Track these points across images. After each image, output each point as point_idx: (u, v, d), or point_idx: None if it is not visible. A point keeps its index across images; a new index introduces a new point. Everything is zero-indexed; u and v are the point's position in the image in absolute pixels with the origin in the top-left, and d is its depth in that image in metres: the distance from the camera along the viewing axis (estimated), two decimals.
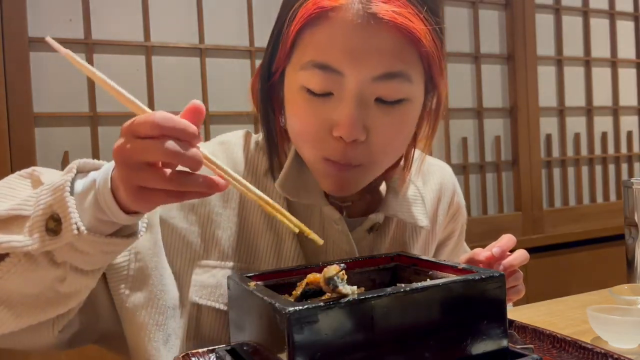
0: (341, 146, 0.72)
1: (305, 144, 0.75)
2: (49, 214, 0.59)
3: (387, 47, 0.69)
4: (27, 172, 0.68)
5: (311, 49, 0.71)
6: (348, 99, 0.70)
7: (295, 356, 0.50)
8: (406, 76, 0.71)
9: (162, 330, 0.76)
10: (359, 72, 0.69)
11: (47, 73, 1.64)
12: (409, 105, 0.73)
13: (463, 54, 2.32)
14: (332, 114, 0.71)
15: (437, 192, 0.95)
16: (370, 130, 0.72)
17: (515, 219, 2.39)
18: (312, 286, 0.59)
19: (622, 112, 2.74)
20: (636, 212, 1.05)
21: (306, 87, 0.72)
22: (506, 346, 0.59)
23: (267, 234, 0.81)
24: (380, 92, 0.71)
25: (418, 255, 0.73)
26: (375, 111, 0.71)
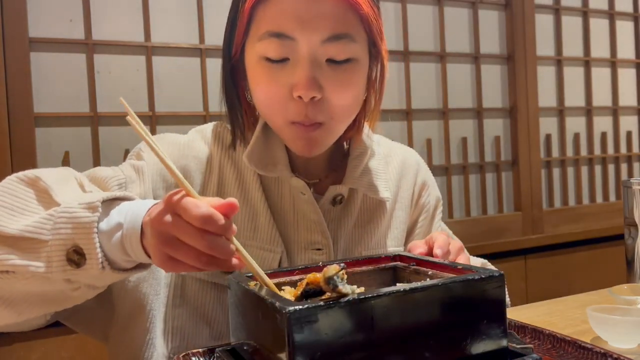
0: (302, 106, 0.79)
1: (271, 110, 0.82)
2: (71, 245, 0.62)
3: (331, 12, 0.78)
4: (28, 178, 0.69)
5: (265, 21, 0.79)
6: (302, 62, 0.79)
7: (295, 356, 0.50)
8: (351, 37, 0.80)
9: (158, 299, 0.83)
10: (309, 36, 0.78)
11: (48, 73, 1.64)
12: (356, 64, 0.82)
13: (463, 54, 2.32)
14: (290, 78, 0.79)
15: (399, 170, 1.01)
16: (325, 88, 0.80)
17: (515, 219, 2.39)
18: (312, 286, 0.59)
19: (622, 112, 2.74)
20: (636, 212, 1.05)
21: (265, 56, 0.80)
22: (506, 346, 0.59)
23: (244, 208, 0.88)
24: (330, 53, 0.79)
25: (418, 255, 0.73)
26: (327, 71, 0.80)
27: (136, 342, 0.81)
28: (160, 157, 0.61)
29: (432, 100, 2.27)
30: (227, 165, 0.90)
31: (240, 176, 0.89)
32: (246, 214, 0.88)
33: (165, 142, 0.89)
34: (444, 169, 2.26)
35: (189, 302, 0.84)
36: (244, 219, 0.87)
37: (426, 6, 2.26)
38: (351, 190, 0.93)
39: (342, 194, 0.92)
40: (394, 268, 0.74)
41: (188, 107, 1.83)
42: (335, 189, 0.91)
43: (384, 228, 0.97)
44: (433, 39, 2.27)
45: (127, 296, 0.81)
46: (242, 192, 0.88)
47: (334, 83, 0.80)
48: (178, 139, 0.91)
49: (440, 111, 2.28)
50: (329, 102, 0.81)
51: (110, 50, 1.72)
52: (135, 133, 0.62)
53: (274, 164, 0.87)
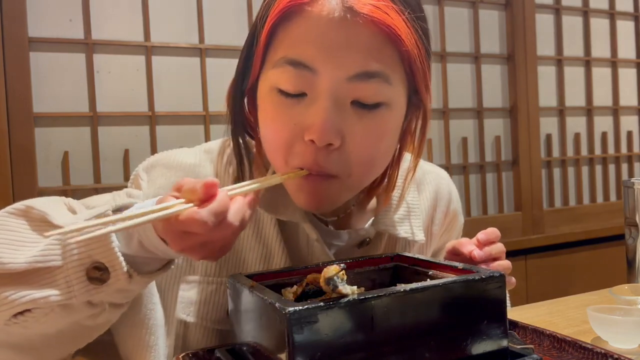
0: (312, 152, 0.65)
1: (276, 152, 0.69)
2: (89, 264, 0.59)
3: (364, 43, 0.64)
4: (19, 210, 0.64)
5: (284, 46, 0.66)
6: (322, 99, 0.64)
7: (295, 356, 0.50)
8: (385, 77, 0.65)
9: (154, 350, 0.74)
10: (333, 69, 0.64)
11: (47, 73, 1.64)
12: (388, 111, 0.67)
13: (463, 54, 2.32)
14: (305, 117, 0.65)
15: (433, 201, 0.92)
16: (345, 136, 0.66)
17: (515, 219, 2.39)
18: (312, 286, 0.59)
19: (622, 112, 2.74)
20: (636, 212, 1.05)
21: (278, 88, 0.67)
22: (506, 346, 0.59)
23: (256, 247, 0.78)
24: (357, 94, 0.65)
25: (418, 255, 0.73)
26: (351, 115, 0.66)
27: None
28: None
29: (432, 100, 2.26)
30: None
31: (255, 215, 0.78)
32: (259, 253, 0.77)
33: (169, 167, 0.79)
34: (444, 169, 2.26)
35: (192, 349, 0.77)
36: (256, 257, 0.77)
37: (426, 6, 2.24)
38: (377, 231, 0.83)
39: (370, 237, 0.82)
40: (394, 268, 0.73)
41: (188, 107, 1.83)
42: (363, 234, 0.80)
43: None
44: (433, 39, 2.26)
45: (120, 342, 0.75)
46: (255, 228, 0.78)
47: (358, 131, 0.66)
48: (183, 162, 0.80)
49: (440, 111, 2.28)
50: (348, 153, 0.66)
51: (110, 50, 1.72)
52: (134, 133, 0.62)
53: (285, 205, 0.75)
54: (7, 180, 1.56)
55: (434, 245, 0.95)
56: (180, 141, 1.81)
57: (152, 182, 0.79)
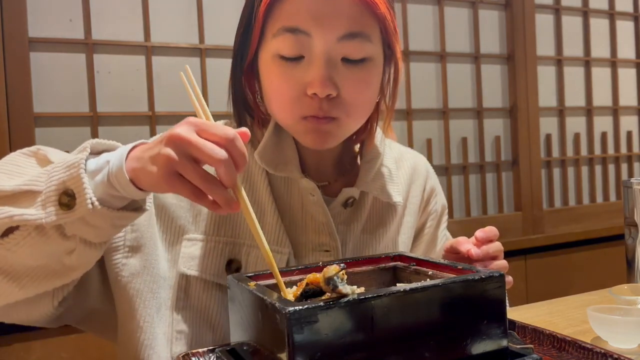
0: (316, 102, 0.79)
1: (283, 107, 0.82)
2: (62, 189, 0.63)
3: (348, 10, 0.78)
4: (30, 151, 0.72)
5: (281, 18, 0.79)
6: (318, 60, 0.78)
7: (295, 356, 0.50)
8: (367, 36, 0.80)
9: (155, 298, 0.81)
10: (325, 33, 0.78)
11: (47, 73, 1.64)
12: (371, 64, 0.82)
13: (463, 54, 2.32)
14: (305, 76, 0.79)
15: (410, 175, 1.02)
16: (340, 86, 0.79)
17: (515, 219, 2.39)
18: (312, 286, 0.59)
19: (622, 112, 2.74)
20: (636, 212, 1.05)
21: (279, 54, 0.79)
22: (506, 346, 0.59)
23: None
24: (346, 51, 0.79)
25: (418, 255, 0.73)
26: (342, 69, 0.80)
27: (132, 342, 0.81)
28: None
29: (432, 100, 2.27)
30: None
31: (247, 175, 0.88)
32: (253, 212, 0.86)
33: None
34: (444, 169, 2.26)
35: (193, 304, 0.83)
36: None
37: (426, 6, 2.26)
38: (362, 194, 0.93)
39: (354, 197, 0.91)
40: (394, 268, 0.74)
41: (188, 107, 1.83)
42: (348, 192, 0.90)
43: (392, 232, 0.97)
44: (433, 38, 2.27)
45: (121, 292, 0.80)
46: (249, 191, 0.87)
47: (349, 82, 0.80)
48: None
49: (440, 111, 2.28)
50: (344, 100, 0.80)
51: (110, 50, 1.72)
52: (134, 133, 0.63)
53: (285, 163, 0.87)
54: None
55: (416, 218, 1.03)
56: None
57: None
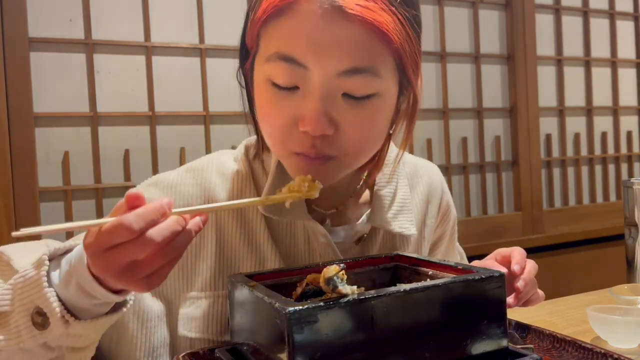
0: (309, 140, 0.69)
1: (274, 137, 0.73)
2: (32, 309, 0.59)
3: (353, 40, 0.66)
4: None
5: (276, 41, 0.68)
6: (313, 93, 0.67)
7: (295, 356, 0.50)
8: (374, 71, 0.68)
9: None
10: (323, 66, 0.66)
11: (47, 73, 1.64)
12: (378, 100, 0.70)
13: (463, 54, 2.32)
14: (299, 109, 0.68)
15: (426, 195, 0.93)
16: (339, 124, 0.69)
17: (515, 219, 2.39)
18: (312, 286, 0.59)
19: (622, 112, 2.74)
20: (636, 212, 1.05)
21: (272, 81, 0.69)
22: (506, 346, 0.59)
23: (250, 256, 0.79)
24: (347, 87, 0.68)
25: (418, 255, 0.73)
26: (343, 105, 0.69)
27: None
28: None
29: (432, 100, 2.26)
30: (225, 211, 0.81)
31: (243, 223, 0.80)
32: (252, 260, 0.79)
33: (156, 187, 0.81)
34: (444, 169, 2.26)
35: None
36: (250, 265, 0.80)
37: (426, 6, 2.26)
38: (372, 227, 0.86)
39: (366, 233, 0.85)
40: (394, 268, 0.74)
41: (188, 107, 1.83)
42: (360, 231, 0.84)
43: None
44: (433, 39, 2.27)
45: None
46: (245, 236, 0.80)
47: (350, 119, 0.69)
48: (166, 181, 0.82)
49: (440, 111, 2.28)
50: (343, 138, 0.70)
51: (110, 50, 1.72)
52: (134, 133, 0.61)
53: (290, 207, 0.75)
54: (7, 180, 1.56)
55: (430, 238, 0.96)
56: (180, 141, 1.81)
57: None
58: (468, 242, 1.12)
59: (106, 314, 0.63)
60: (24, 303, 0.60)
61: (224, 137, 1.86)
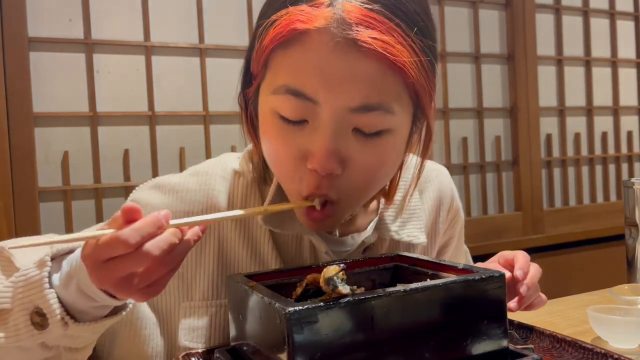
0: (316, 179, 0.66)
1: (281, 174, 0.71)
2: (32, 309, 0.60)
3: (366, 75, 0.63)
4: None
5: (284, 73, 0.65)
6: (323, 129, 0.64)
7: (295, 356, 0.50)
8: (386, 108, 0.64)
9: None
10: (334, 101, 0.63)
11: (47, 73, 1.64)
12: (390, 136, 0.67)
13: (463, 54, 2.32)
14: (307, 145, 0.66)
15: (436, 201, 0.92)
16: (348, 162, 0.66)
17: (515, 219, 2.39)
18: (312, 286, 0.59)
19: (622, 112, 2.74)
20: (636, 212, 1.05)
21: (279, 114, 0.66)
22: (506, 346, 0.59)
23: (252, 267, 0.78)
24: (358, 124, 0.65)
25: (418, 255, 0.73)
26: (353, 142, 0.66)
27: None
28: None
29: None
30: (227, 220, 0.78)
31: (246, 232, 0.78)
32: (255, 270, 0.78)
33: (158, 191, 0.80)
34: None
35: None
36: None
37: None
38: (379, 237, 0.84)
39: (373, 243, 0.83)
40: (394, 268, 0.73)
41: (188, 107, 1.83)
42: (366, 241, 0.82)
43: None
44: None
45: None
46: (248, 245, 0.78)
47: (360, 158, 0.66)
48: (168, 184, 0.80)
49: (441, 111, 2.27)
50: (351, 179, 0.67)
51: (110, 49, 1.72)
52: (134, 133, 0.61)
53: (293, 219, 0.76)
54: (7, 180, 1.56)
55: (438, 243, 0.95)
56: (180, 141, 1.81)
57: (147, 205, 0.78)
58: (468, 242, 1.11)
59: (105, 316, 0.63)
60: (24, 302, 0.60)
61: (223, 137, 1.86)
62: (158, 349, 0.77)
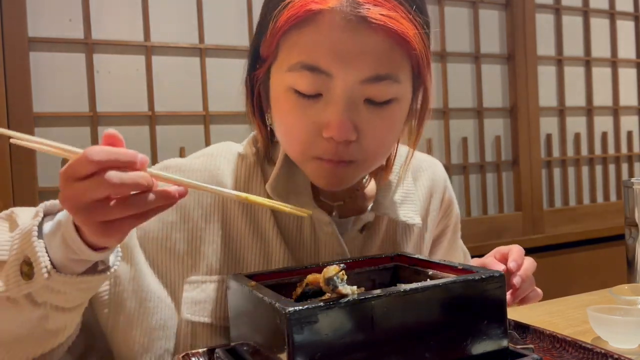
0: (332, 146, 0.71)
1: (295, 144, 0.74)
2: (22, 258, 0.60)
3: (376, 49, 0.69)
4: (6, 214, 0.69)
5: (298, 51, 0.70)
6: (337, 101, 0.70)
7: (295, 356, 0.50)
8: (394, 77, 0.71)
9: (150, 351, 0.76)
10: (347, 74, 0.69)
11: (47, 73, 1.64)
12: (397, 105, 0.73)
13: (463, 54, 2.32)
14: (322, 116, 0.71)
15: (429, 189, 0.96)
16: (361, 130, 0.71)
17: (515, 219, 2.39)
18: (312, 286, 0.59)
19: (622, 112, 2.74)
20: (636, 212, 1.05)
21: (294, 89, 0.71)
22: (506, 346, 0.59)
23: (254, 243, 0.80)
24: (369, 94, 0.70)
25: (418, 255, 0.73)
26: (365, 112, 0.71)
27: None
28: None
29: (432, 100, 2.26)
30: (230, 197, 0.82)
31: (247, 205, 0.81)
32: (258, 249, 0.81)
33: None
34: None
35: None
36: (256, 254, 0.81)
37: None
38: (377, 216, 0.88)
39: (370, 221, 0.86)
40: (394, 268, 0.73)
41: (188, 107, 1.83)
42: (364, 219, 0.85)
43: (409, 248, 0.93)
44: (433, 38, 2.26)
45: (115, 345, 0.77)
46: (251, 222, 0.81)
47: (371, 125, 0.72)
48: (175, 165, 0.84)
49: (441, 111, 2.28)
50: (364, 143, 0.73)
51: (110, 49, 1.72)
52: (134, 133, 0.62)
53: (297, 193, 0.80)
54: (7, 180, 1.56)
55: (432, 230, 0.97)
56: (180, 141, 1.81)
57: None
58: (468, 242, 1.12)
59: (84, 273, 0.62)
60: (16, 253, 0.61)
61: (223, 137, 1.84)
62: (162, 322, 0.77)
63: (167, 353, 0.77)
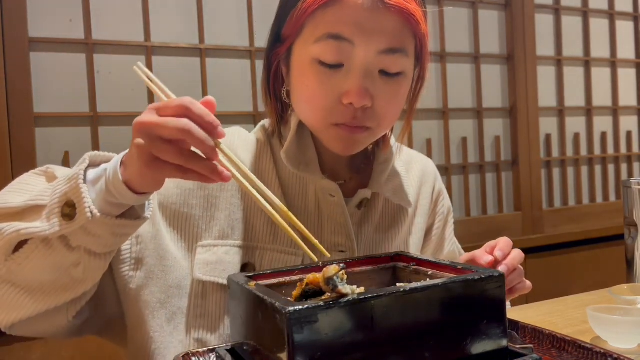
0: (351, 112, 0.81)
1: (315, 112, 0.82)
2: (64, 201, 0.65)
3: (391, 26, 0.80)
4: (41, 170, 0.76)
5: (325, 24, 0.79)
6: (357, 70, 0.80)
7: (295, 356, 0.50)
8: (405, 52, 0.82)
9: (165, 307, 0.82)
10: (367, 44, 0.79)
11: (48, 73, 1.64)
12: (404, 78, 0.84)
13: (463, 54, 2.32)
14: (343, 84, 0.80)
15: (419, 178, 1.04)
16: (374, 98, 0.81)
17: (515, 219, 2.39)
18: (312, 286, 0.59)
19: (622, 112, 2.75)
20: (636, 212, 1.05)
21: (319, 60, 0.80)
22: (506, 346, 0.59)
23: (263, 212, 0.87)
24: (384, 65, 0.81)
25: (418, 255, 0.73)
26: (379, 81, 0.81)
27: (143, 352, 0.81)
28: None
29: (432, 100, 2.27)
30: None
31: (258, 175, 0.86)
32: (265, 218, 0.87)
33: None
34: (444, 169, 2.26)
35: (210, 311, 0.84)
36: (263, 223, 0.87)
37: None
38: (374, 195, 0.95)
39: (368, 198, 0.93)
40: (394, 268, 0.74)
41: None
42: (363, 194, 0.92)
43: (404, 233, 0.99)
44: (433, 39, 2.27)
45: (129, 304, 0.81)
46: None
47: (383, 94, 0.82)
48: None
49: (440, 111, 2.28)
50: (376, 111, 0.82)
51: (110, 50, 1.72)
52: None
53: (307, 163, 0.89)
54: (7, 180, 1.55)
55: (426, 220, 1.04)
56: None
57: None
58: (468, 242, 1.12)
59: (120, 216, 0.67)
60: (59, 195, 0.65)
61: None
62: (177, 282, 0.83)
63: (179, 311, 0.83)
